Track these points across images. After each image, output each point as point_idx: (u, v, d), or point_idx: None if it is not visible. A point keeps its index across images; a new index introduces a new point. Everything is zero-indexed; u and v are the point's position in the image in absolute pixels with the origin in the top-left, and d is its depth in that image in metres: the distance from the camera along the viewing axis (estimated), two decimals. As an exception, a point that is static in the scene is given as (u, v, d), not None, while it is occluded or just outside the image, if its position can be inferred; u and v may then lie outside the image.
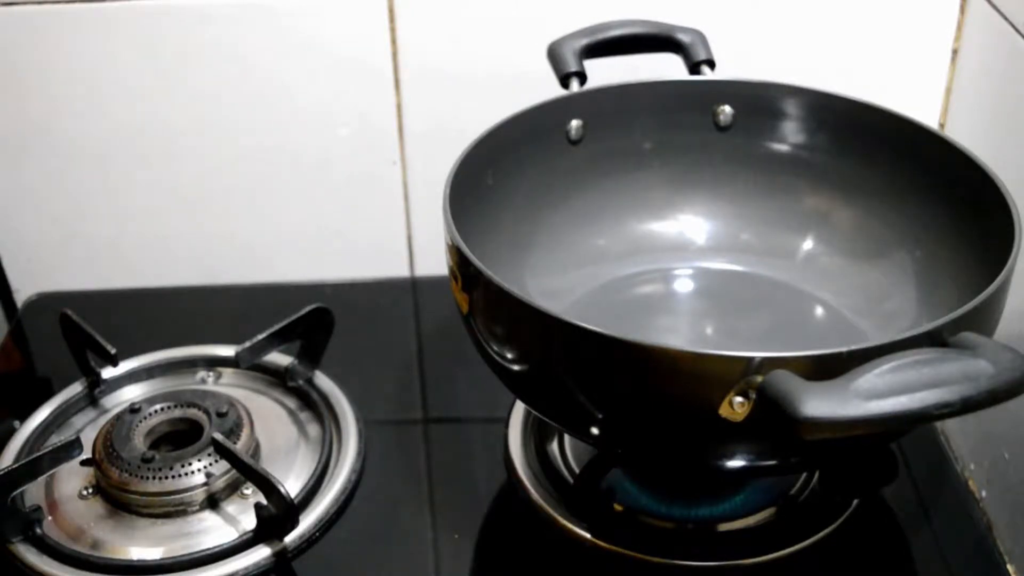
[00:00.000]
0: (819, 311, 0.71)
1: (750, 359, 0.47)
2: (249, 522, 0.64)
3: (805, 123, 0.72)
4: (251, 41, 0.80)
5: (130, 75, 0.81)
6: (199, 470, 0.65)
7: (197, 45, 0.80)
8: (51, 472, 0.65)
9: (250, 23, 0.79)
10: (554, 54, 0.72)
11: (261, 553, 0.62)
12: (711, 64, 0.72)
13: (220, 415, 0.68)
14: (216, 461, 0.65)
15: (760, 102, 0.72)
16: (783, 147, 0.73)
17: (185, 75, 0.81)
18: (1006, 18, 0.70)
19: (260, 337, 0.73)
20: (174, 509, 0.65)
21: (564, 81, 0.71)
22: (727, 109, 0.73)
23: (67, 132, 0.83)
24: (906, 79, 0.81)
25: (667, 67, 0.74)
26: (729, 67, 0.74)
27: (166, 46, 0.80)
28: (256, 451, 0.69)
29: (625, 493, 0.65)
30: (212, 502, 0.65)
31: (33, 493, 0.66)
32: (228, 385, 0.76)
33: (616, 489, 0.64)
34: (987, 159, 0.62)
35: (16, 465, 0.64)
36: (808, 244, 0.74)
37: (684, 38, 0.73)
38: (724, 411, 0.48)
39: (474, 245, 0.56)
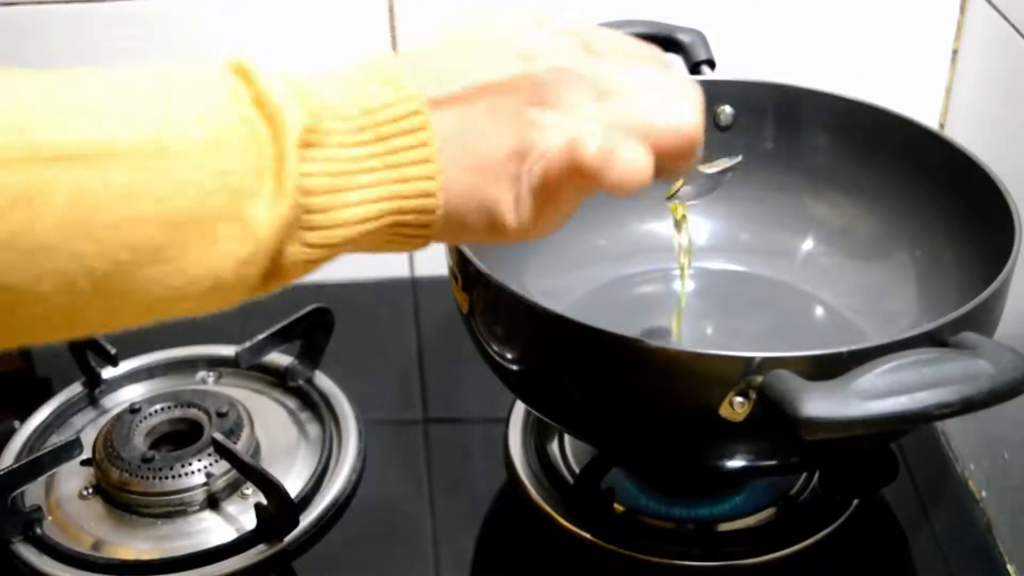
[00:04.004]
0: (819, 311, 0.71)
1: (750, 359, 0.47)
2: (249, 522, 0.64)
3: (805, 123, 0.72)
4: (252, 42, 0.80)
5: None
6: (199, 470, 0.65)
7: (196, 45, 0.80)
8: (51, 472, 0.65)
9: (251, 24, 0.79)
10: (554, 54, 0.72)
11: (261, 553, 0.62)
12: (711, 64, 0.72)
13: (220, 415, 0.68)
14: (216, 461, 0.65)
15: (760, 102, 0.72)
16: (783, 147, 0.73)
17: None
18: (1006, 18, 0.70)
19: (260, 337, 0.73)
20: (174, 509, 0.65)
21: (564, 81, 0.71)
22: (727, 109, 0.73)
23: (67, 132, 0.83)
24: (906, 79, 0.81)
25: (667, 67, 0.74)
26: (729, 67, 0.74)
27: (166, 47, 0.80)
28: (256, 451, 0.69)
29: (625, 493, 0.65)
30: (212, 502, 0.65)
31: (33, 493, 0.66)
32: (228, 385, 0.76)
33: (616, 489, 0.64)
34: (987, 159, 0.62)
35: (16, 465, 0.64)
36: (808, 244, 0.74)
37: (684, 38, 0.73)
38: (724, 411, 0.48)
39: (474, 245, 0.56)
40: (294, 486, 0.66)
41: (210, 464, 0.65)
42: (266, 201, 0.34)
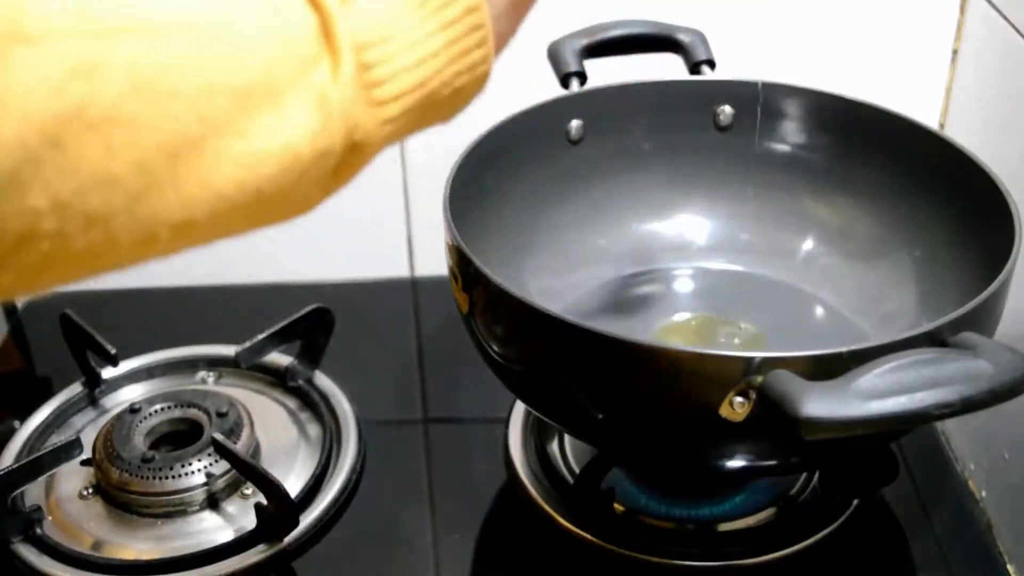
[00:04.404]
0: (819, 311, 0.71)
1: (750, 359, 0.47)
2: (249, 522, 0.64)
3: (805, 123, 0.72)
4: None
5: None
6: (199, 470, 0.65)
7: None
8: (51, 472, 0.65)
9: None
10: (554, 54, 0.72)
11: (261, 553, 0.62)
12: (711, 64, 0.72)
13: (220, 415, 0.68)
14: (216, 461, 0.65)
15: (760, 102, 0.72)
16: (783, 147, 0.73)
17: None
18: (1006, 18, 0.70)
19: (260, 337, 0.73)
20: (174, 509, 0.65)
21: (564, 81, 0.71)
22: (727, 109, 0.73)
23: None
24: (906, 79, 0.81)
25: (667, 67, 0.74)
26: (729, 67, 0.74)
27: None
28: (256, 451, 0.69)
29: (625, 493, 0.65)
30: (212, 502, 0.65)
31: (33, 493, 0.66)
32: (228, 385, 0.76)
33: (616, 489, 0.64)
34: (987, 159, 0.62)
35: (16, 465, 0.64)
36: (808, 244, 0.74)
37: (684, 38, 0.73)
38: (724, 411, 0.48)
39: (474, 245, 0.56)
40: (294, 486, 0.66)
41: (210, 464, 0.65)
42: (327, 66, 0.34)
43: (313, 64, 0.34)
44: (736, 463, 0.55)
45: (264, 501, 0.63)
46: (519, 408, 0.72)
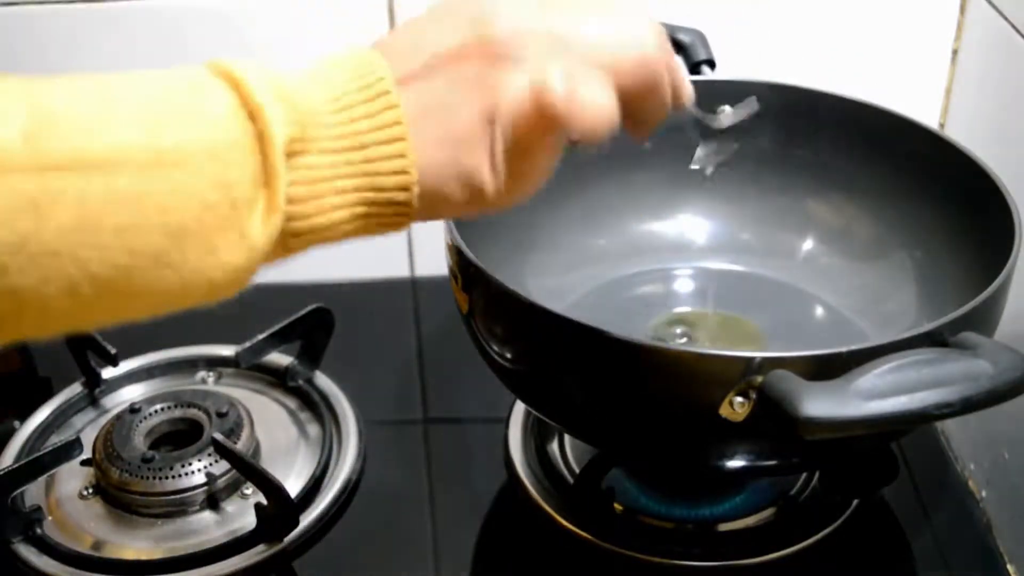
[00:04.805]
0: (819, 311, 0.71)
1: (750, 359, 0.47)
2: (249, 522, 0.64)
3: (805, 123, 0.72)
4: (253, 40, 0.80)
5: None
6: (199, 470, 0.65)
7: (198, 44, 0.80)
8: (51, 472, 0.65)
9: (249, 25, 0.79)
10: (554, 54, 0.72)
11: (261, 553, 0.62)
12: (711, 64, 0.72)
13: (220, 415, 0.68)
14: (216, 461, 0.65)
15: (760, 102, 0.72)
16: (783, 147, 0.73)
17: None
18: (1006, 18, 0.70)
19: (260, 337, 0.73)
20: (174, 509, 0.65)
21: (564, 81, 0.71)
22: (727, 109, 0.72)
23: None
24: (906, 79, 0.81)
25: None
26: (729, 67, 0.74)
27: (167, 45, 0.80)
28: (256, 451, 0.69)
29: (625, 493, 0.65)
30: (212, 502, 0.65)
31: (33, 493, 0.66)
32: (228, 385, 0.76)
33: (616, 489, 0.64)
34: (987, 159, 0.62)
35: (16, 465, 0.64)
36: (808, 244, 0.74)
37: (684, 38, 0.73)
38: (724, 411, 0.48)
39: (474, 245, 0.56)
40: (294, 486, 0.66)
41: (210, 464, 0.65)
42: (261, 213, 0.35)
43: (247, 209, 0.35)
44: (736, 463, 0.55)
45: (264, 501, 0.63)
46: (519, 408, 0.72)
